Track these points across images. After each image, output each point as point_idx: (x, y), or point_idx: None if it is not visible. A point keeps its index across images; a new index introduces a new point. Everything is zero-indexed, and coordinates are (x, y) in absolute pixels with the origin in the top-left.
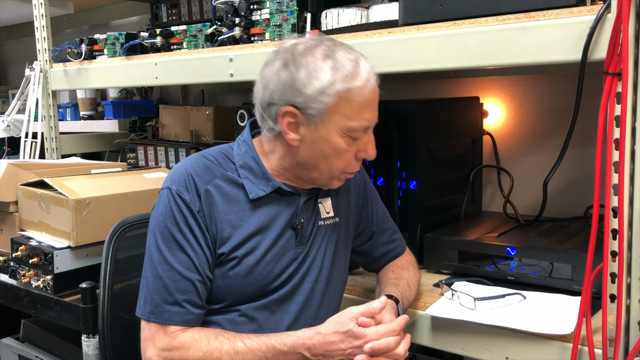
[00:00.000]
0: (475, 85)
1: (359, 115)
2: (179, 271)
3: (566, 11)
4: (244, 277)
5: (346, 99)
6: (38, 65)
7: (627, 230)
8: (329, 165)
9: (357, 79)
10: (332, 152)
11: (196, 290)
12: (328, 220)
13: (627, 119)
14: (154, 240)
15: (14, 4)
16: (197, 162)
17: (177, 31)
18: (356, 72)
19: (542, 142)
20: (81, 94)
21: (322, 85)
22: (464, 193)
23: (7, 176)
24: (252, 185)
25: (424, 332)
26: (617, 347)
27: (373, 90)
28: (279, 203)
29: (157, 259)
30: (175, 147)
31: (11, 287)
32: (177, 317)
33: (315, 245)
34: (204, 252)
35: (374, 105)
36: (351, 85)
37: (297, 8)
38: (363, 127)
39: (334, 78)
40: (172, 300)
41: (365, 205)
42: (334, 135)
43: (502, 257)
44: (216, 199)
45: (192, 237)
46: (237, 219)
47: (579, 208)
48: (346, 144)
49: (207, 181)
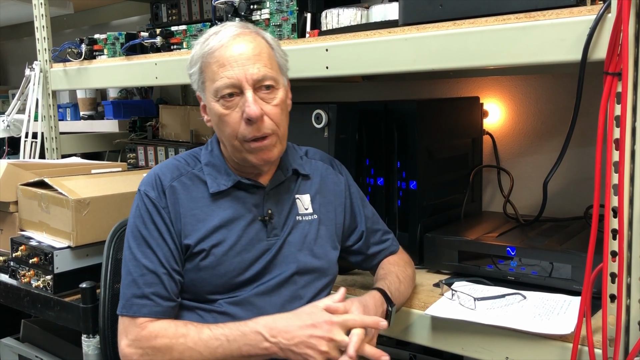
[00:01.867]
0: (475, 85)
1: (219, 75)
2: (145, 265)
3: (566, 11)
4: (214, 268)
5: (206, 63)
6: (38, 65)
7: (627, 230)
8: (224, 135)
9: (212, 41)
10: (217, 119)
11: (162, 283)
12: (307, 217)
13: (627, 119)
14: (127, 240)
15: (14, 4)
16: (166, 164)
17: (177, 31)
18: (212, 36)
19: (542, 142)
20: (81, 94)
21: (190, 57)
22: (464, 193)
23: (7, 176)
24: (214, 181)
25: (424, 332)
26: (617, 347)
27: (233, 49)
28: (243, 197)
29: (128, 256)
30: (175, 147)
31: (11, 287)
32: (145, 309)
33: (293, 237)
34: (168, 246)
35: (237, 63)
36: (206, 49)
37: (297, 8)
38: (227, 84)
39: (196, 48)
40: (140, 293)
41: (352, 206)
42: (211, 102)
43: (502, 257)
44: (181, 195)
45: (156, 232)
46: (201, 213)
47: (579, 208)
48: (223, 108)
49: (172, 179)
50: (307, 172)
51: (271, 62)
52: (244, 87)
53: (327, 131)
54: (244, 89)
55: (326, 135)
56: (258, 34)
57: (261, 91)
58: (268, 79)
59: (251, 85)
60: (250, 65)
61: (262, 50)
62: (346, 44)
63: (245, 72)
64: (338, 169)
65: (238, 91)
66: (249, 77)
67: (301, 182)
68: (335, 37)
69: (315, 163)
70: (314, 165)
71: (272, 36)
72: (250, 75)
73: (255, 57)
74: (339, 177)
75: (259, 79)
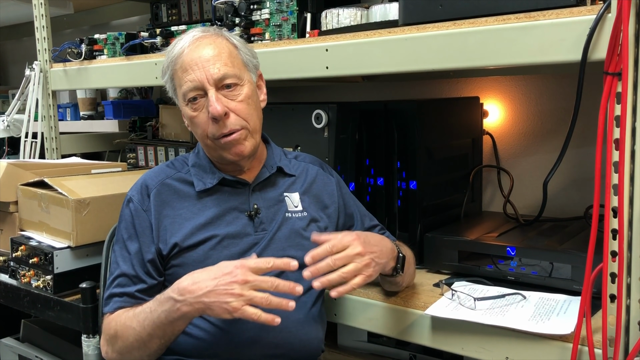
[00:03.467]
0: (475, 85)
1: (183, 79)
2: (119, 265)
3: (566, 11)
4: (201, 262)
5: (174, 70)
6: (38, 65)
7: (627, 230)
8: (198, 136)
9: (174, 51)
10: (189, 122)
11: (131, 282)
12: (296, 214)
13: (627, 119)
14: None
15: (14, 4)
16: (155, 170)
17: (177, 31)
18: (174, 45)
19: (542, 142)
20: (81, 94)
21: (162, 68)
22: (464, 193)
23: (7, 176)
24: (200, 180)
25: (424, 332)
26: (617, 347)
27: (192, 53)
28: (229, 194)
29: (112, 259)
30: (175, 147)
31: (11, 287)
32: (115, 305)
33: (282, 232)
34: (148, 248)
35: (197, 66)
36: (171, 57)
37: (297, 8)
38: (190, 87)
39: (164, 59)
40: (111, 292)
41: (346, 205)
42: (182, 107)
43: (502, 257)
44: (167, 197)
45: (135, 234)
46: (188, 212)
47: (579, 208)
48: (191, 110)
49: (158, 182)
50: (292, 172)
51: (232, 61)
52: (206, 87)
53: (327, 131)
54: (206, 90)
55: (326, 135)
56: (219, 35)
57: (224, 90)
58: (229, 77)
59: (213, 85)
60: (210, 66)
61: (221, 50)
62: (346, 44)
63: (206, 73)
64: (328, 171)
65: (202, 93)
66: (210, 78)
67: (289, 181)
68: (335, 37)
69: (303, 165)
70: (302, 166)
71: (237, 36)
72: (210, 75)
73: (214, 57)
74: (329, 178)
75: (219, 77)
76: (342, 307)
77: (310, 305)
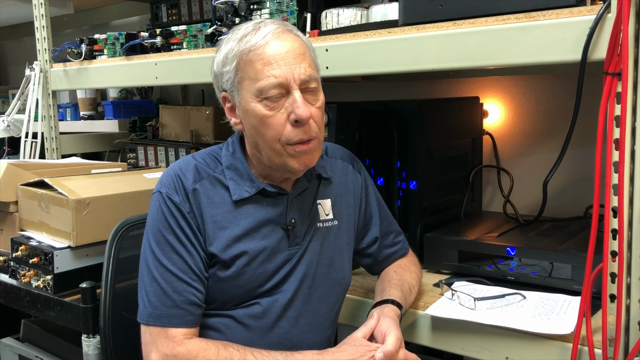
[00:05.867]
0: (475, 85)
1: (264, 73)
2: (174, 273)
3: (566, 11)
4: (234, 279)
5: (247, 61)
6: (38, 65)
7: (627, 230)
8: (264, 139)
9: (253, 37)
10: (258, 121)
11: (192, 291)
12: (327, 223)
13: (627, 119)
14: (148, 244)
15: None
16: (186, 164)
17: (177, 31)
18: (252, 32)
19: (542, 142)
20: (81, 94)
21: (223, 55)
22: (464, 193)
23: (7, 176)
24: (237, 186)
25: (424, 332)
26: (617, 347)
27: (278, 47)
28: (266, 204)
29: (152, 262)
30: (175, 147)
31: (11, 287)
32: (176, 319)
33: (313, 246)
34: (197, 252)
35: (284, 62)
36: (246, 46)
37: (297, 8)
38: (273, 84)
39: (231, 45)
40: (170, 302)
41: (367, 208)
42: (251, 103)
43: (502, 257)
44: (203, 199)
45: (184, 238)
46: (223, 220)
47: (579, 208)
48: (266, 109)
49: (194, 181)
50: (329, 175)
51: (313, 63)
52: (292, 87)
53: (327, 131)
54: (291, 89)
55: (326, 135)
56: (297, 33)
57: (307, 92)
58: (313, 80)
59: (298, 86)
60: (296, 65)
61: (305, 50)
62: (346, 44)
63: (293, 71)
64: (357, 168)
65: (284, 92)
66: (297, 77)
67: (322, 185)
68: (335, 37)
69: (335, 162)
70: (334, 164)
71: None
72: (297, 75)
73: (300, 56)
74: (357, 177)
75: (305, 79)
76: (342, 307)
77: (328, 327)
